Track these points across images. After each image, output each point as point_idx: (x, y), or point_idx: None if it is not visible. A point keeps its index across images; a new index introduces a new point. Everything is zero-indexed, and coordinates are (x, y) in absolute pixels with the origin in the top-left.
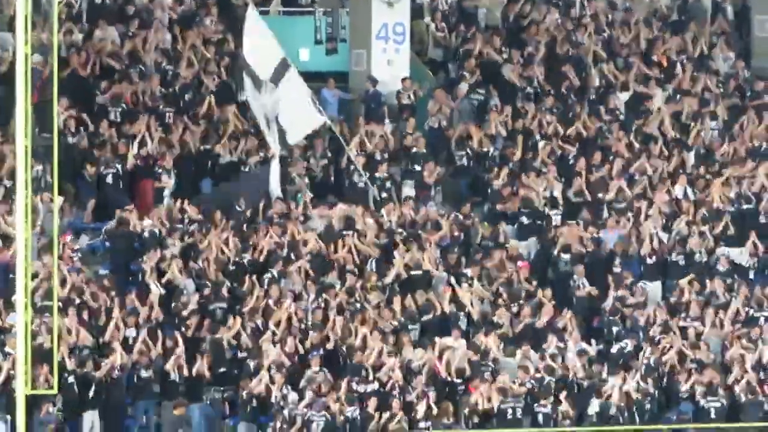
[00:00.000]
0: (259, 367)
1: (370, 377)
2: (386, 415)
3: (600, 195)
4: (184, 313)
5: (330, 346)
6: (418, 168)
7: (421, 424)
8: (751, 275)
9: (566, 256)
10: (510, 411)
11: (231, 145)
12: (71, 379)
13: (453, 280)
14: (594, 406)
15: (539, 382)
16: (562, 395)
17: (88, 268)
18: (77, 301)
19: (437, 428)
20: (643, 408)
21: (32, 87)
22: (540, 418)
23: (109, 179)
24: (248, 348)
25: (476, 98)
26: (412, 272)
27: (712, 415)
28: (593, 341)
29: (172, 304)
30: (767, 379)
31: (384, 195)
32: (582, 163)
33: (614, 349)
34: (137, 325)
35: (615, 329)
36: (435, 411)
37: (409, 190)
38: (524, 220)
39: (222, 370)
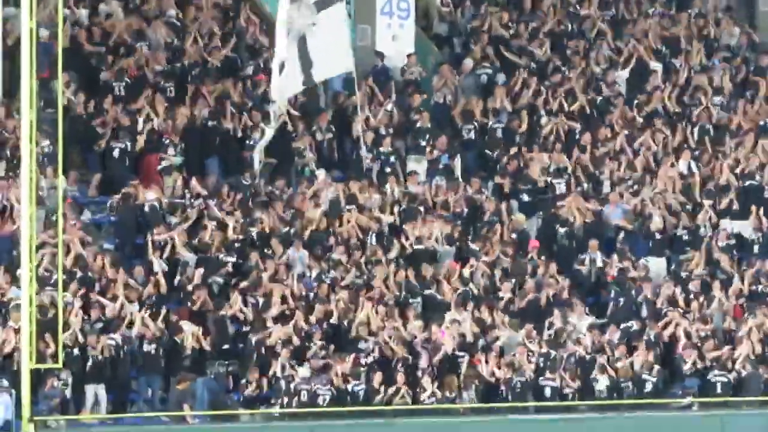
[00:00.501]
0: (263, 341)
1: (374, 351)
2: (391, 389)
3: (604, 170)
4: (189, 287)
5: (334, 320)
6: (423, 143)
7: (425, 398)
8: (756, 249)
9: (570, 231)
10: (515, 385)
11: (236, 120)
12: (76, 353)
13: (459, 254)
14: (602, 381)
15: (545, 356)
16: (568, 369)
17: (93, 242)
18: (81, 275)
19: (441, 402)
20: (647, 382)
21: (43, 62)
22: (547, 392)
23: (115, 154)
24: (252, 322)
25: (482, 73)
26: (417, 247)
27: (718, 390)
28: (595, 316)
29: (177, 279)
30: None
31: (388, 170)
32: (587, 137)
33: (619, 323)
34: (142, 299)
35: (620, 304)
36: (439, 384)
37: (414, 165)
38: (529, 195)
39: (226, 345)
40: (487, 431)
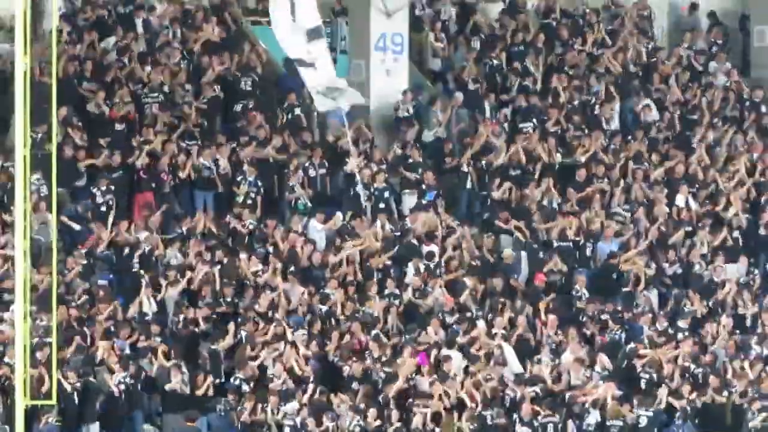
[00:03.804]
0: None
1: (369, 389)
2: (386, 426)
3: (600, 205)
4: (181, 326)
5: (328, 358)
6: (416, 178)
7: None
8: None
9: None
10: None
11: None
12: (71, 390)
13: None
14: (592, 416)
15: (543, 392)
16: (560, 407)
17: (86, 278)
18: (75, 312)
19: None
20: (642, 417)
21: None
22: (550, 429)
23: (107, 189)
24: (244, 359)
25: (475, 107)
26: (410, 283)
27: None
28: (586, 351)
29: (171, 318)
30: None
31: (382, 205)
32: (582, 174)
33: (616, 359)
34: (135, 336)
35: (615, 339)
36: (434, 424)
37: (408, 200)
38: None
39: (220, 381)
40: None
